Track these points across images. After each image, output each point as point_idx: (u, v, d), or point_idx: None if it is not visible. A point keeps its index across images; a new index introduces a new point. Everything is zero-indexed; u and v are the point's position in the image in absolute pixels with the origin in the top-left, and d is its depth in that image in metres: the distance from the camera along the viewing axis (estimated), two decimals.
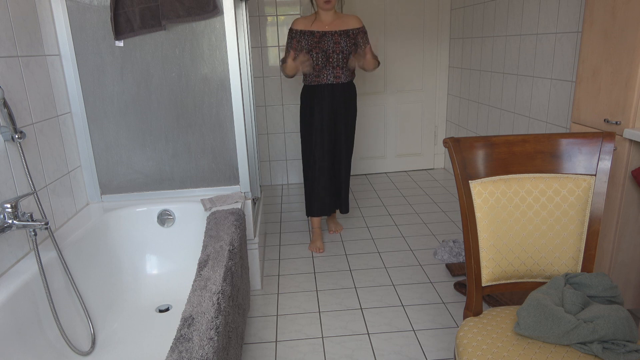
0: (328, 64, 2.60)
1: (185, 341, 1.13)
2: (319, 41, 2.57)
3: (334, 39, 2.56)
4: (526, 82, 2.88)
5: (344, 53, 2.59)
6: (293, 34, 2.60)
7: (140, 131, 2.09)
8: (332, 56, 2.59)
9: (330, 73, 2.63)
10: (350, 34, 2.59)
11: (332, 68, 2.62)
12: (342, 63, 2.62)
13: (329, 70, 2.62)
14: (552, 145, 1.35)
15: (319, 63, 2.60)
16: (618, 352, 1.08)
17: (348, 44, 2.58)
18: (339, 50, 2.58)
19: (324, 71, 2.62)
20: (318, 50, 2.57)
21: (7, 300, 1.35)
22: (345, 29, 2.58)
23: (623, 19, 1.72)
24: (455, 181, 1.35)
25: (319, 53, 2.57)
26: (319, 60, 2.59)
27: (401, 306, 2.16)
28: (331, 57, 2.59)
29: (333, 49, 2.57)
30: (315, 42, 2.57)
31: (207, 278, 1.42)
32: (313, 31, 2.57)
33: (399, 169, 4.42)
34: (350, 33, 2.59)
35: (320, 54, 2.58)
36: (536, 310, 1.17)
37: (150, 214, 2.08)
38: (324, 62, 2.60)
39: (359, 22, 2.63)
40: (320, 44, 2.57)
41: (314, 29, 2.57)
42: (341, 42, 2.57)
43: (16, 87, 1.59)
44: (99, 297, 1.81)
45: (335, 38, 2.55)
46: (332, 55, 2.59)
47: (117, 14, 1.89)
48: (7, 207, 1.42)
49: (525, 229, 1.35)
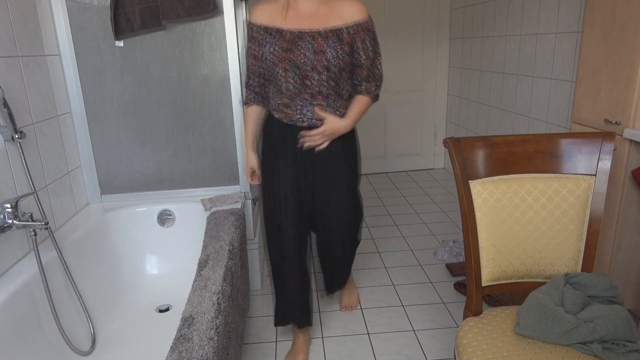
0: (304, 89, 1.55)
1: (185, 341, 1.13)
2: (290, 47, 1.52)
3: (316, 44, 1.51)
4: (526, 82, 2.88)
5: (333, 70, 1.53)
6: (254, 31, 1.59)
7: (140, 131, 2.09)
8: (311, 75, 1.52)
9: (306, 106, 1.58)
10: (343, 35, 1.52)
11: (309, 96, 1.56)
12: (327, 88, 1.55)
13: (304, 101, 1.57)
14: (552, 145, 1.35)
15: (290, 87, 1.56)
16: (618, 352, 1.08)
17: (340, 53, 1.52)
18: (322, 66, 1.51)
19: (296, 101, 1.58)
20: (287, 65, 1.52)
21: (7, 300, 1.35)
22: (336, 26, 1.52)
23: (623, 19, 1.71)
24: (455, 181, 1.35)
25: (288, 70, 1.53)
26: (288, 81, 1.55)
27: (401, 306, 2.16)
28: (309, 78, 1.53)
29: (312, 62, 1.51)
30: (283, 50, 1.52)
31: (207, 278, 1.42)
32: (281, 29, 1.54)
33: (399, 169, 4.41)
34: (343, 33, 1.52)
35: (291, 71, 1.53)
36: (536, 310, 1.17)
37: (150, 214, 2.08)
38: (297, 85, 1.55)
39: (360, 12, 1.55)
40: (290, 53, 1.52)
41: (282, 26, 1.54)
42: (327, 50, 1.50)
43: (16, 87, 1.59)
44: (99, 297, 1.81)
45: (317, 42, 1.51)
46: (311, 75, 1.52)
47: (117, 14, 1.89)
48: (7, 207, 1.42)
49: (525, 229, 1.35)
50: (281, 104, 1.60)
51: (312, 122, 1.59)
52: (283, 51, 1.52)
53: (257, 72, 1.63)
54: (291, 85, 1.55)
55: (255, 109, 1.70)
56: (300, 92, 1.56)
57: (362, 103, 1.66)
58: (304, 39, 1.51)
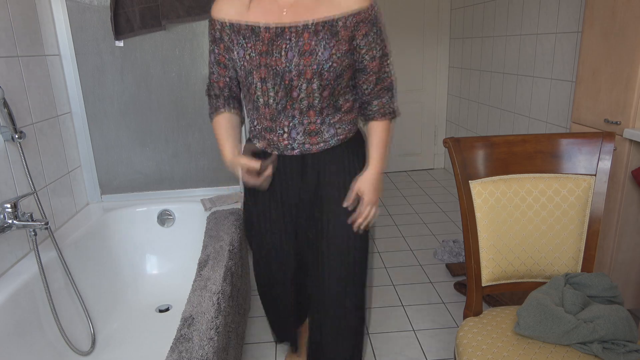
0: (290, 104, 1.19)
1: (185, 341, 1.13)
2: (268, 49, 1.15)
3: (302, 43, 1.14)
4: (526, 82, 2.88)
5: (326, 76, 1.15)
6: (217, 30, 1.22)
7: (140, 131, 2.09)
8: (298, 85, 1.16)
9: (295, 128, 1.22)
10: (339, 28, 1.14)
11: (298, 113, 1.20)
12: (321, 100, 1.19)
13: (291, 120, 1.21)
14: (552, 145, 1.35)
15: (271, 103, 1.19)
16: (618, 352, 1.08)
17: (335, 53, 1.15)
18: (312, 71, 1.14)
19: (281, 121, 1.22)
20: (265, 73, 1.16)
21: (7, 300, 1.35)
22: (329, 17, 1.14)
23: (623, 19, 1.71)
24: (455, 181, 1.35)
25: (267, 79, 1.17)
26: (267, 95, 1.19)
27: (401, 306, 2.16)
28: (295, 88, 1.17)
29: (299, 66, 1.14)
30: (259, 53, 1.16)
31: (207, 278, 1.42)
32: (255, 25, 1.16)
33: (398, 169, 4.41)
34: (338, 26, 1.14)
35: (271, 81, 1.17)
36: (536, 310, 1.17)
37: (150, 214, 2.08)
38: (280, 100, 1.19)
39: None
40: (269, 57, 1.15)
41: (257, 21, 1.16)
42: (318, 49, 1.14)
43: (16, 87, 1.59)
44: (99, 297, 1.81)
45: (304, 40, 1.14)
46: (298, 84, 1.16)
47: (117, 14, 1.89)
48: (7, 207, 1.42)
49: (525, 229, 1.35)
50: (262, 128, 1.25)
51: (306, 149, 1.24)
52: (259, 55, 1.14)
53: (224, 84, 1.28)
54: (272, 100, 1.18)
55: (228, 116, 1.30)
56: (284, 109, 1.18)
57: (381, 132, 1.27)
58: (286, 36, 1.13)
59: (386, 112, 1.28)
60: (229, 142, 1.28)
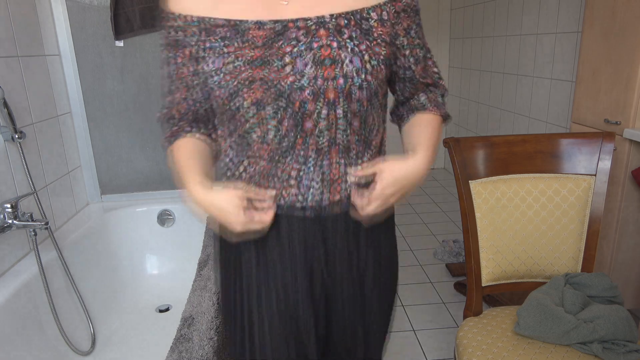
0: (302, 139, 0.76)
1: (185, 341, 1.13)
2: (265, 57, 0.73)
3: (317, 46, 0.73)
4: (526, 82, 2.88)
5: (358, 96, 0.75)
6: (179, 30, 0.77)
7: (140, 131, 2.09)
8: (315, 111, 0.74)
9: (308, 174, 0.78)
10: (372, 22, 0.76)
11: (314, 152, 0.77)
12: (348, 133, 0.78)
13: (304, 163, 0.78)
14: (552, 145, 1.35)
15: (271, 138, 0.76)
16: (618, 352, 1.08)
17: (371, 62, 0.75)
18: (336, 90, 0.73)
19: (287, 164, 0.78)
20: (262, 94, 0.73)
21: (7, 300, 1.35)
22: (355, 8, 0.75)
23: (623, 19, 1.71)
24: (455, 181, 1.35)
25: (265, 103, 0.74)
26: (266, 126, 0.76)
27: (401, 306, 2.16)
28: (310, 116, 0.74)
29: (316, 83, 0.72)
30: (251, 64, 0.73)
31: (207, 278, 1.42)
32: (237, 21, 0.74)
33: None
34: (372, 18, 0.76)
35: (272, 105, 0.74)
36: (536, 310, 1.17)
37: (150, 214, 2.08)
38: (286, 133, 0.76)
39: None
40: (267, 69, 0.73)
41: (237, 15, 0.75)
42: (344, 57, 0.73)
43: (16, 87, 1.59)
44: (99, 297, 1.81)
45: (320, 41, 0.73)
46: (315, 109, 0.74)
47: (117, 14, 1.89)
48: (7, 207, 1.42)
49: (525, 229, 1.35)
50: (255, 172, 0.81)
51: (325, 207, 0.81)
52: (248, 65, 0.73)
53: (186, 110, 0.86)
54: (273, 134, 0.76)
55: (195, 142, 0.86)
56: (292, 147, 0.77)
57: (432, 124, 0.90)
58: (292, 35, 0.74)
59: (438, 105, 0.93)
60: (198, 170, 0.80)
